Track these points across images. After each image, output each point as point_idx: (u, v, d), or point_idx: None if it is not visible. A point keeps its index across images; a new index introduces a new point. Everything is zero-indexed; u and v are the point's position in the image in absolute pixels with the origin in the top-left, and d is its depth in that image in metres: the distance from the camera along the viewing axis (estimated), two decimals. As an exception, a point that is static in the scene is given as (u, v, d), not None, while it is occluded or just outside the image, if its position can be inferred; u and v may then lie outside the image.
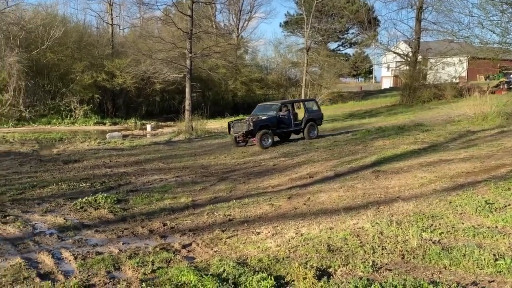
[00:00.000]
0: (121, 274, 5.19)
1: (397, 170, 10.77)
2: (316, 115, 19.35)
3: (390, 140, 15.80)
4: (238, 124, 17.73)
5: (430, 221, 6.17)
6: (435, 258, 4.74)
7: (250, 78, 39.96)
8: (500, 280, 4.25)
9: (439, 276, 4.35)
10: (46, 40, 29.95)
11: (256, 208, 8.20)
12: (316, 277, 4.34)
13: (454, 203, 7.04)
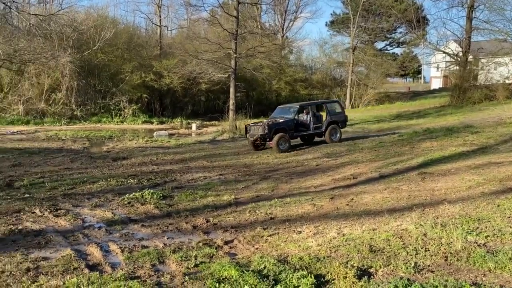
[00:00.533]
0: (165, 267, 5.34)
1: (444, 172, 10.48)
2: (339, 118, 18.67)
3: (438, 142, 15.38)
4: (254, 127, 17.18)
5: (476, 224, 6.00)
6: (479, 260, 4.62)
7: (294, 78, 39.86)
8: (550, 286, 4.09)
9: (483, 279, 4.24)
10: (97, 41, 30.98)
11: (298, 207, 8.22)
12: (357, 276, 4.33)
13: (502, 206, 6.81)
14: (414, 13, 36.96)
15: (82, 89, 31.48)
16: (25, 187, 10.30)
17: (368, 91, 41.03)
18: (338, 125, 18.43)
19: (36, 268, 5.28)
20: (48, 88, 29.63)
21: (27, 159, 15.03)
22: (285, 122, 17.09)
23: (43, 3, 34.51)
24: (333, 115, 18.39)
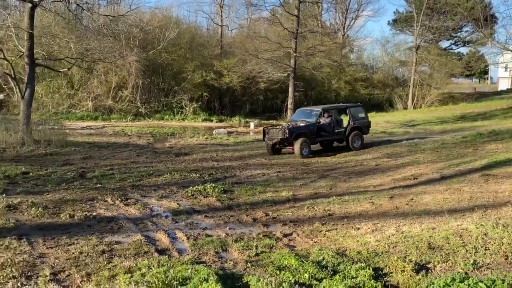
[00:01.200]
0: (228, 255, 5.63)
1: (509, 174, 10.16)
2: (362, 123, 17.49)
3: (504, 144, 14.85)
4: (273, 130, 16.15)
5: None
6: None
7: (355, 78, 39.40)
8: None
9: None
10: (161, 41, 32.10)
11: (356, 205, 8.29)
12: (415, 270, 4.41)
13: None
14: (481, 11, 35.50)
15: (147, 87, 32.73)
16: (97, 178, 10.99)
17: (431, 92, 39.87)
18: (361, 130, 17.37)
19: (110, 251, 5.73)
20: (115, 85, 31.07)
21: (96, 152, 15.93)
22: (306, 126, 16.17)
23: (112, 4, 36.18)
24: (356, 120, 17.23)
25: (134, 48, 30.12)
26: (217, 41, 40.92)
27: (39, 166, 12.40)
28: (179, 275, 4.51)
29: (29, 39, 16.46)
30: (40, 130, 17.63)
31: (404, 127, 26.67)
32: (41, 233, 6.42)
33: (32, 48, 16.74)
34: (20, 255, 5.46)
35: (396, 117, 33.02)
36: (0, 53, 17.13)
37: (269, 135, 16.15)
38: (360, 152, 16.28)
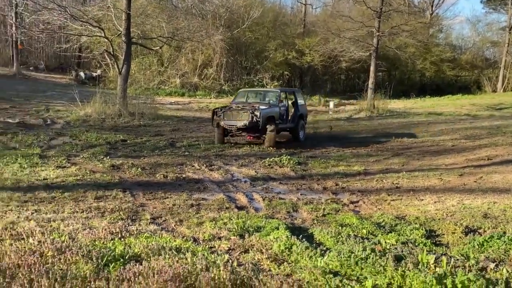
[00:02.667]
0: (298, 214, 6.37)
1: None
2: (304, 111, 15.28)
3: None
4: (233, 113, 12.70)
5: None
6: None
7: (441, 58, 37.97)
8: None
9: None
10: (246, 20, 33.02)
11: (425, 180, 8.68)
12: (464, 233, 4.89)
13: None
14: None
15: (230, 66, 33.97)
16: (185, 147, 12.17)
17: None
18: (304, 120, 15.04)
19: (198, 205, 6.69)
20: (201, 64, 32.57)
21: (184, 125, 17.26)
22: (274, 111, 13.15)
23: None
24: (301, 107, 14.76)
25: (220, 27, 31.28)
26: (300, 20, 41.20)
27: (134, 135, 13.84)
28: (254, 224, 5.33)
29: (126, 19, 18.00)
30: (134, 103, 19.29)
31: (490, 110, 25.66)
32: (140, 188, 7.56)
33: (129, 27, 18.30)
34: (125, 203, 6.56)
35: (483, 100, 31.67)
36: (101, 32, 18.84)
37: (225, 118, 12.66)
38: (438, 132, 16.23)
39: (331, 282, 3.21)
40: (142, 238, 4.72)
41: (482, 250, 4.16)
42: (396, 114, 23.55)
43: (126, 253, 4.05)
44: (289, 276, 3.48)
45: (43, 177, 7.84)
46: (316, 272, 3.36)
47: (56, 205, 6.30)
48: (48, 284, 3.09)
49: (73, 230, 5.04)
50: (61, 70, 34.45)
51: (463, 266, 3.61)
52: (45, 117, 16.19)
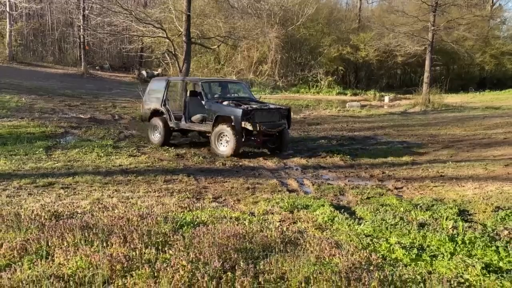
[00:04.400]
0: (344, 197, 7.01)
1: None
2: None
3: None
4: (263, 113, 10.42)
5: None
6: None
7: (501, 51, 36.77)
8: None
9: None
10: (300, 17, 33.56)
11: (469, 170, 9.03)
12: (493, 211, 5.36)
13: None
14: None
15: (284, 62, 34.63)
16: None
17: None
18: None
19: (253, 188, 7.47)
20: (256, 61, 33.46)
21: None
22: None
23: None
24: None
25: (275, 25, 32.04)
26: (355, 15, 41.14)
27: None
28: (303, 203, 6.04)
29: (186, 20, 19.11)
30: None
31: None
32: (202, 174, 8.45)
33: (189, 28, 19.40)
34: (190, 186, 7.46)
35: (548, 94, 30.57)
36: (163, 33, 20.08)
37: (257, 120, 10.12)
38: (492, 125, 16.18)
39: (363, 241, 3.88)
40: (206, 211, 5.55)
41: (504, 223, 4.66)
42: (452, 109, 23.37)
43: (195, 220, 4.89)
44: (329, 238, 4.17)
45: (118, 164, 8.91)
46: (351, 234, 4.04)
47: (132, 186, 7.29)
48: (138, 237, 3.95)
49: (148, 205, 5.96)
50: (124, 69, 36.55)
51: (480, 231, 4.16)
52: (113, 113, 17.57)
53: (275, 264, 3.41)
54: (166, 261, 3.43)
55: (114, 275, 3.24)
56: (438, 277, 3.22)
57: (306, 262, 3.39)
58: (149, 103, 11.92)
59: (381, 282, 3.07)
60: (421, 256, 3.64)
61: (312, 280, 3.12)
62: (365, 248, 3.81)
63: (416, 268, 3.46)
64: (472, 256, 3.61)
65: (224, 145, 10.19)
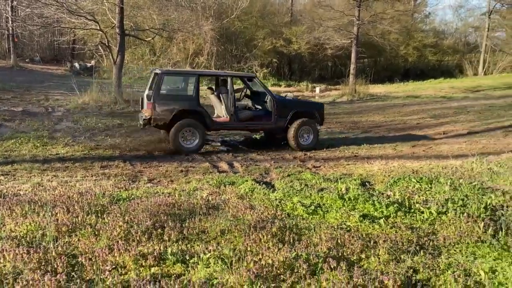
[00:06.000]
0: (268, 175, 7.81)
1: (529, 131, 11.46)
2: None
3: (547, 107, 15.70)
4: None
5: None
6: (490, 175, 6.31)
7: (424, 44, 39.38)
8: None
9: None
10: (234, 10, 34.25)
11: (381, 150, 10.15)
12: (390, 182, 6.34)
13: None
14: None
15: (221, 54, 35.24)
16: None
17: (504, 58, 39.03)
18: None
19: (186, 171, 8.12)
20: (192, 52, 33.82)
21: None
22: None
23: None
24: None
25: (209, 18, 32.52)
26: (288, 9, 42.39)
27: (130, 120, 15.16)
28: (230, 180, 6.77)
29: (120, 12, 19.26)
30: (128, 92, 20.59)
31: (466, 92, 27.14)
32: (138, 160, 8.98)
33: (122, 20, 19.55)
34: (126, 170, 7.99)
35: (463, 83, 33.15)
36: (96, 25, 20.10)
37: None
38: (409, 112, 17.70)
39: (273, 203, 4.68)
40: (141, 190, 6.16)
41: (391, 187, 5.64)
42: (376, 98, 25.00)
43: (130, 196, 5.49)
44: (246, 203, 4.94)
45: (55, 153, 9.24)
46: (265, 199, 4.83)
47: (70, 172, 7.72)
48: (79, 207, 4.52)
49: (87, 187, 6.47)
50: (56, 62, 35.64)
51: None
52: (46, 106, 17.49)
53: (198, 223, 4.12)
54: (105, 223, 4.04)
55: (60, 235, 3.81)
56: (327, 225, 4.06)
57: (224, 219, 4.13)
58: (168, 103, 9.71)
59: (280, 229, 3.87)
60: (317, 211, 4.48)
61: (227, 231, 3.86)
62: (274, 207, 4.60)
63: (311, 219, 4.30)
64: (355, 209, 4.51)
65: (307, 139, 10.59)
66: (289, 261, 3.14)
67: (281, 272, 3.05)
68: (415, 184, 5.74)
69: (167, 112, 9.59)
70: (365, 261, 3.30)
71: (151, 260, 3.26)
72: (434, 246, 3.64)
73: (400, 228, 4.01)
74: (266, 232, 3.73)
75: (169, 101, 9.72)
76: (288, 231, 3.84)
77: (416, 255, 3.41)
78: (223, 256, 3.29)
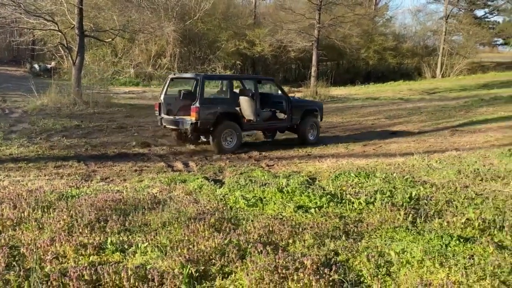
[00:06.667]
0: (222, 173, 8.03)
1: (474, 130, 12.10)
2: None
3: (494, 108, 16.50)
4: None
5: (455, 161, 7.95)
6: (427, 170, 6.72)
7: (384, 47, 40.45)
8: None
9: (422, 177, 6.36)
10: (197, 12, 34.36)
11: (333, 149, 10.53)
12: (334, 176, 6.66)
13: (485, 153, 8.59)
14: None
15: (184, 56, 35.26)
16: (135, 129, 13.63)
17: (460, 61, 40.53)
18: None
19: (141, 170, 8.24)
20: (155, 54, 33.73)
21: (136, 112, 18.60)
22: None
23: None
24: None
25: (172, 19, 32.50)
26: (251, 11, 42.76)
27: (89, 121, 15.12)
28: (181, 178, 6.96)
29: (79, 13, 19.12)
30: (88, 93, 20.43)
31: (423, 94, 28.11)
32: (93, 160, 9.04)
33: (81, 21, 19.41)
34: (80, 170, 8.06)
35: (421, 85, 34.27)
36: (55, 25, 19.88)
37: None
38: (366, 113, 18.26)
39: (218, 197, 4.90)
40: (93, 187, 6.27)
41: (332, 182, 5.97)
42: (336, 100, 25.57)
43: (80, 193, 5.61)
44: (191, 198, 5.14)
45: (9, 153, 9.20)
46: (210, 194, 5.05)
47: (23, 172, 7.73)
48: (26, 204, 4.63)
49: (38, 186, 6.53)
50: (14, 63, 34.84)
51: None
52: (3, 107, 17.19)
53: (141, 216, 4.30)
54: (50, 218, 4.17)
55: (4, 229, 3.93)
56: (264, 216, 4.32)
57: (167, 213, 4.32)
58: (210, 107, 9.96)
59: (219, 220, 4.10)
60: (257, 204, 4.73)
61: (168, 223, 4.07)
62: (218, 201, 4.83)
63: (251, 211, 4.54)
64: (292, 201, 4.80)
65: (313, 134, 11.72)
66: (221, 247, 3.38)
67: (212, 257, 3.29)
68: (353, 179, 6.10)
69: (210, 115, 9.84)
70: (292, 245, 3.58)
71: (91, 249, 3.43)
72: (358, 232, 3.95)
73: (330, 216, 4.32)
74: (204, 223, 3.95)
75: (211, 105, 10.04)
76: (226, 221, 4.08)
77: (339, 239, 3.71)
78: (160, 245, 3.50)
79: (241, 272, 3.09)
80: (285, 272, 2.96)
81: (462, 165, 7.38)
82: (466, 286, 2.83)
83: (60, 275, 2.92)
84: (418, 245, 3.39)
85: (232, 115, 10.31)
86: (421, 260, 3.16)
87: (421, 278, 2.95)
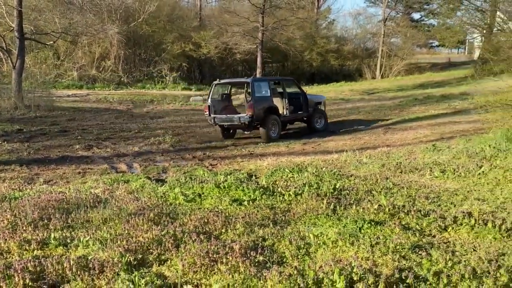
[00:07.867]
0: (165, 174, 8.28)
1: (405, 128, 12.92)
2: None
3: (426, 107, 17.58)
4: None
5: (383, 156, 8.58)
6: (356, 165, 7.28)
7: (326, 49, 41.68)
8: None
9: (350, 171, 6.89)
10: (142, 14, 34.12)
11: (275, 148, 11.00)
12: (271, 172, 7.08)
13: (412, 149, 9.31)
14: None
15: (129, 58, 34.87)
16: (78, 132, 13.57)
17: (398, 62, 42.40)
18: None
19: (84, 172, 8.36)
20: (99, 56, 33.20)
21: (80, 115, 18.41)
22: None
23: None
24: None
25: (116, 21, 32.12)
26: (196, 13, 42.85)
27: (30, 125, 14.88)
28: (124, 179, 7.16)
29: (18, 16, 18.68)
30: (30, 97, 19.98)
31: (363, 94, 29.27)
32: (36, 163, 9.04)
33: (21, 23, 18.98)
34: (23, 173, 8.08)
35: (361, 86, 35.58)
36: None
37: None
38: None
39: (158, 194, 5.20)
40: (36, 189, 6.37)
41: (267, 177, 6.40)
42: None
43: (23, 195, 5.73)
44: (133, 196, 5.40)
45: None
46: (151, 192, 5.33)
47: (-39, 177, 7.67)
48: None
49: (-21, 190, 6.55)
50: (-52, 66, 33.25)
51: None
52: None
53: (84, 214, 4.53)
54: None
55: None
56: (202, 209, 4.66)
57: (108, 210, 4.57)
58: (260, 104, 12.32)
59: (158, 214, 4.40)
60: (195, 199, 5.07)
61: (109, 219, 4.32)
62: (158, 198, 5.13)
63: (190, 206, 4.87)
64: (228, 195, 5.17)
65: (320, 123, 14.11)
66: (158, 238, 3.69)
67: (150, 247, 3.59)
68: (288, 174, 6.56)
69: (261, 110, 12.16)
70: (224, 234, 3.94)
71: (35, 244, 3.64)
72: (285, 220, 4.37)
73: (261, 208, 4.72)
74: (144, 218, 4.24)
75: (260, 102, 12.31)
76: (164, 216, 4.39)
77: (268, 227, 4.11)
78: (101, 238, 3.76)
79: (176, 259, 3.41)
80: (215, 256, 3.31)
81: (388, 159, 8.01)
82: (372, 261, 3.30)
83: (4, 267, 3.13)
84: (334, 229, 3.84)
85: (274, 109, 12.67)
86: (335, 241, 3.61)
87: (334, 255, 3.39)
